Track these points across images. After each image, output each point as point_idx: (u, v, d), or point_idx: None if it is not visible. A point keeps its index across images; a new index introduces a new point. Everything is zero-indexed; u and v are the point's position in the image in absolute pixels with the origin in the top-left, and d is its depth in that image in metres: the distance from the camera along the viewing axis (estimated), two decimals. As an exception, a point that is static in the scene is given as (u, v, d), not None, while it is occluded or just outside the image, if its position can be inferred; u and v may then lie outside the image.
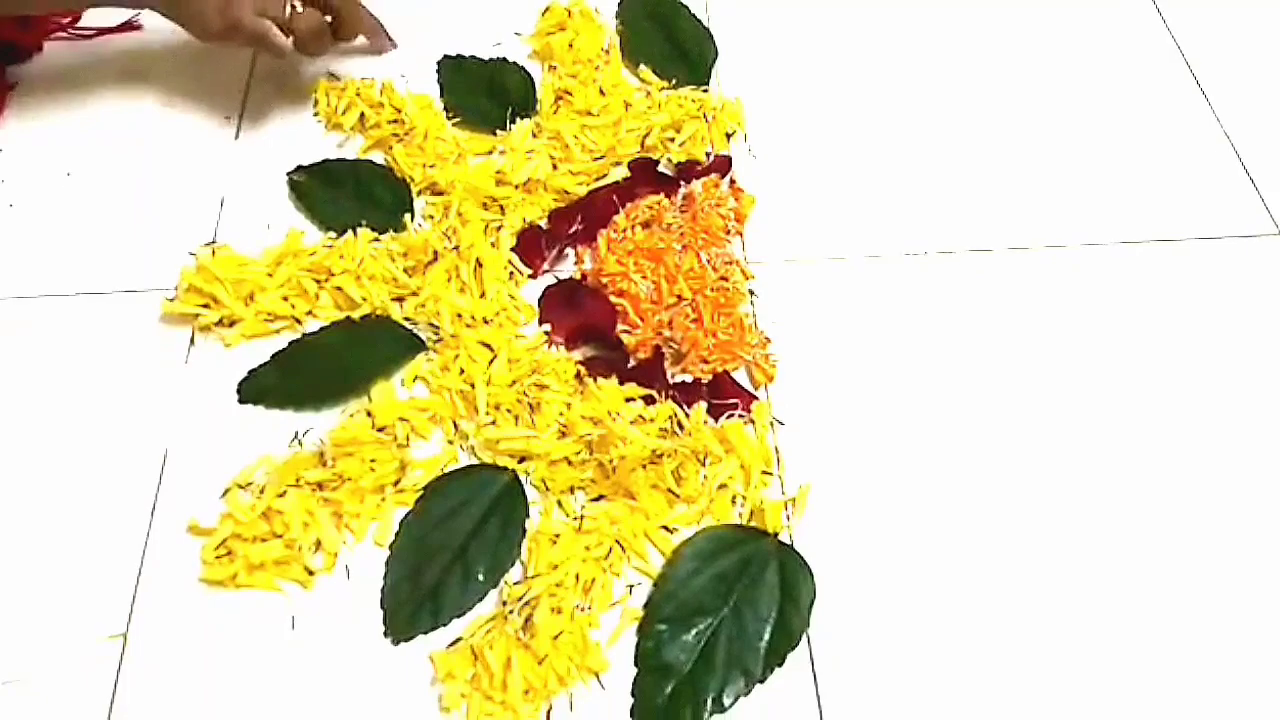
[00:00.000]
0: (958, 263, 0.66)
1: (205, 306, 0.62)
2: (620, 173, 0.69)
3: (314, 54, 0.69)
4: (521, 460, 0.57)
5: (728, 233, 0.66)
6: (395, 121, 0.70)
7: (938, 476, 0.58)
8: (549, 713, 0.50)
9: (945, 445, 0.59)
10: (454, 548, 0.54)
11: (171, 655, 0.51)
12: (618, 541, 0.54)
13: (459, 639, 0.51)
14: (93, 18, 0.78)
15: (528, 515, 0.55)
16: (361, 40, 0.74)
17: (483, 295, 0.62)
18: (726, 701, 0.50)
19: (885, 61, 0.77)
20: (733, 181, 0.69)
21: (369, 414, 0.57)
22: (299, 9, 0.67)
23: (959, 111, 0.74)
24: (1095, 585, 0.54)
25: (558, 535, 0.54)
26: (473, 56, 0.75)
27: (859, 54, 0.77)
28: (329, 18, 0.68)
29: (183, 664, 0.51)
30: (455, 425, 0.58)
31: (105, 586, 0.53)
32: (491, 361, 0.59)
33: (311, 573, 0.54)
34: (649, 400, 0.58)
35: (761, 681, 0.51)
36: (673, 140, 0.70)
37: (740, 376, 0.60)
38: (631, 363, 0.60)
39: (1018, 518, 0.56)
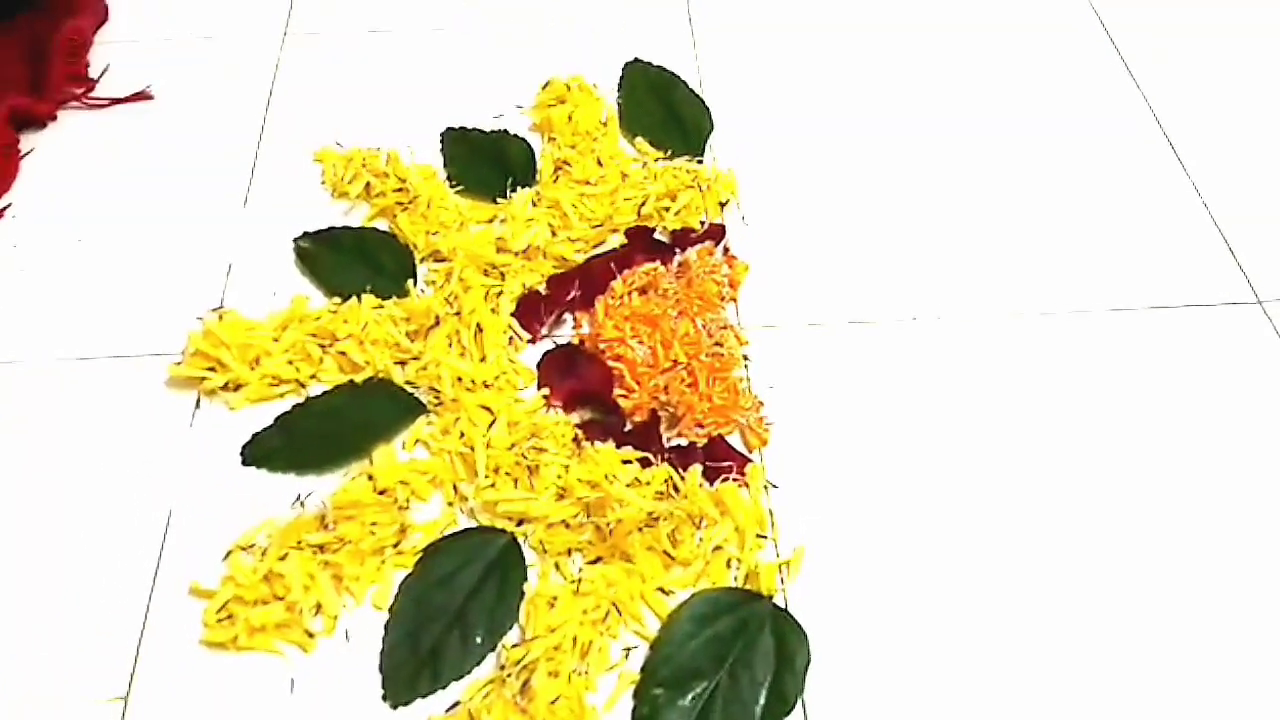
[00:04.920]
0: (947, 328, 0.68)
1: (211, 370, 0.63)
2: (617, 240, 0.71)
3: None
4: (520, 523, 0.58)
5: (722, 299, 0.68)
6: (400, 190, 0.72)
7: (931, 540, 0.58)
8: (546, 777, 0.50)
9: (938, 509, 0.60)
10: (452, 610, 0.55)
11: (172, 717, 0.51)
12: (614, 604, 0.55)
13: (457, 703, 0.52)
14: (106, 88, 0.80)
15: (526, 577, 0.56)
16: None
17: (483, 359, 0.64)
18: (722, 766, 0.50)
19: (874, 134, 0.80)
20: (726, 249, 0.71)
21: (370, 477, 0.58)
22: None
23: (947, 182, 0.77)
24: (1091, 650, 0.55)
25: (555, 598, 0.55)
26: (475, 128, 0.77)
27: (849, 127, 0.80)
28: None
29: (182, 727, 0.51)
30: (455, 488, 0.59)
31: (107, 648, 0.53)
32: (491, 425, 0.61)
33: (311, 635, 0.54)
34: (645, 463, 0.59)
35: (757, 746, 0.51)
36: (668, 209, 0.72)
37: (735, 440, 0.62)
38: (628, 426, 0.62)
39: (1013, 581, 0.57)
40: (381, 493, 0.58)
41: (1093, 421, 0.64)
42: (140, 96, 0.80)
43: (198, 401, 0.63)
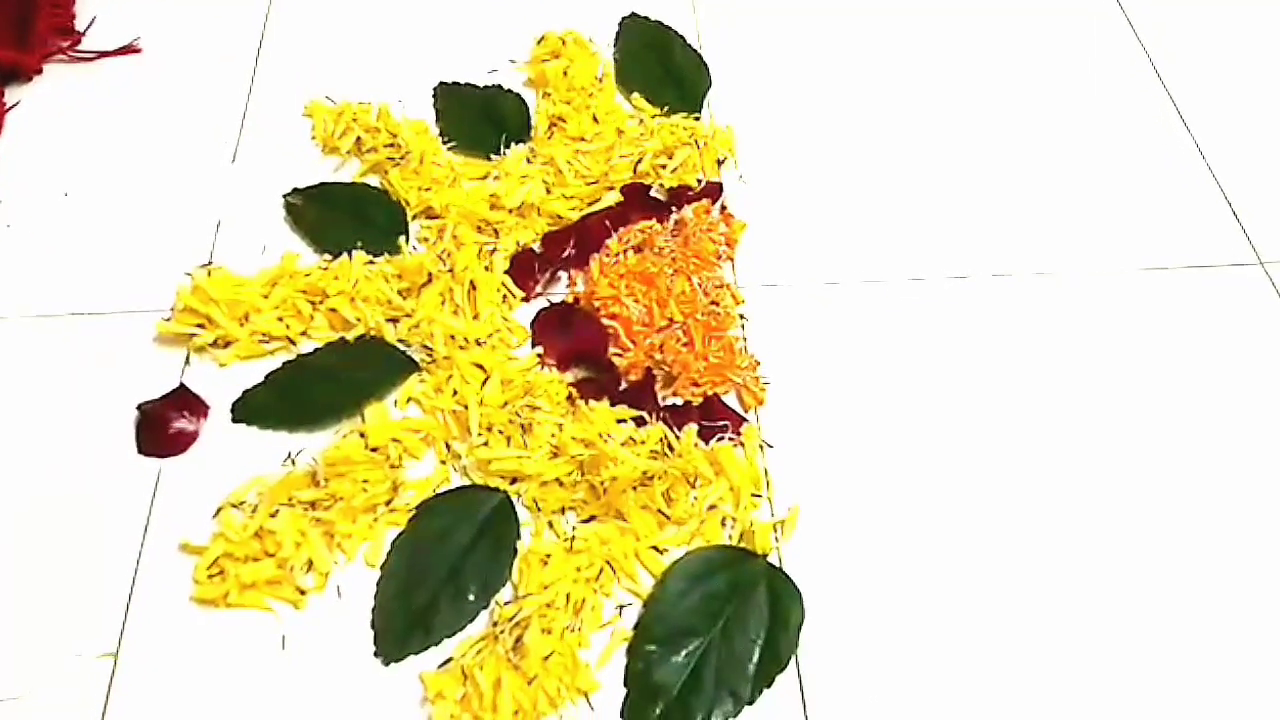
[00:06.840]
0: (944, 287, 0.67)
1: (200, 327, 0.62)
2: (613, 198, 0.69)
3: None
4: (513, 481, 0.57)
5: (718, 257, 0.67)
6: (391, 145, 0.71)
7: (926, 499, 0.58)
8: (538, 733, 0.50)
9: (933, 468, 0.59)
10: (445, 568, 0.54)
11: (163, 674, 0.51)
12: (608, 562, 0.55)
13: (449, 659, 0.52)
14: (92, 40, 0.79)
15: (519, 536, 0.56)
16: None
17: (476, 317, 0.63)
18: (715, 723, 0.50)
19: (874, 91, 0.78)
20: (724, 207, 0.70)
21: (362, 434, 0.58)
22: None
23: (947, 141, 0.75)
24: (1084, 609, 0.55)
25: (549, 556, 0.54)
26: (468, 83, 0.76)
27: (848, 84, 0.79)
28: None
29: (174, 683, 0.51)
30: (448, 446, 0.59)
31: (97, 605, 0.53)
32: (484, 383, 0.60)
33: (303, 592, 0.54)
34: (640, 422, 0.59)
35: (750, 704, 0.51)
36: (665, 166, 0.71)
37: (730, 399, 0.61)
38: (623, 385, 0.61)
39: (1006, 540, 0.57)
40: (374, 450, 0.57)
41: (1093, 382, 0.63)
42: (128, 49, 0.79)
43: (187, 358, 0.62)
